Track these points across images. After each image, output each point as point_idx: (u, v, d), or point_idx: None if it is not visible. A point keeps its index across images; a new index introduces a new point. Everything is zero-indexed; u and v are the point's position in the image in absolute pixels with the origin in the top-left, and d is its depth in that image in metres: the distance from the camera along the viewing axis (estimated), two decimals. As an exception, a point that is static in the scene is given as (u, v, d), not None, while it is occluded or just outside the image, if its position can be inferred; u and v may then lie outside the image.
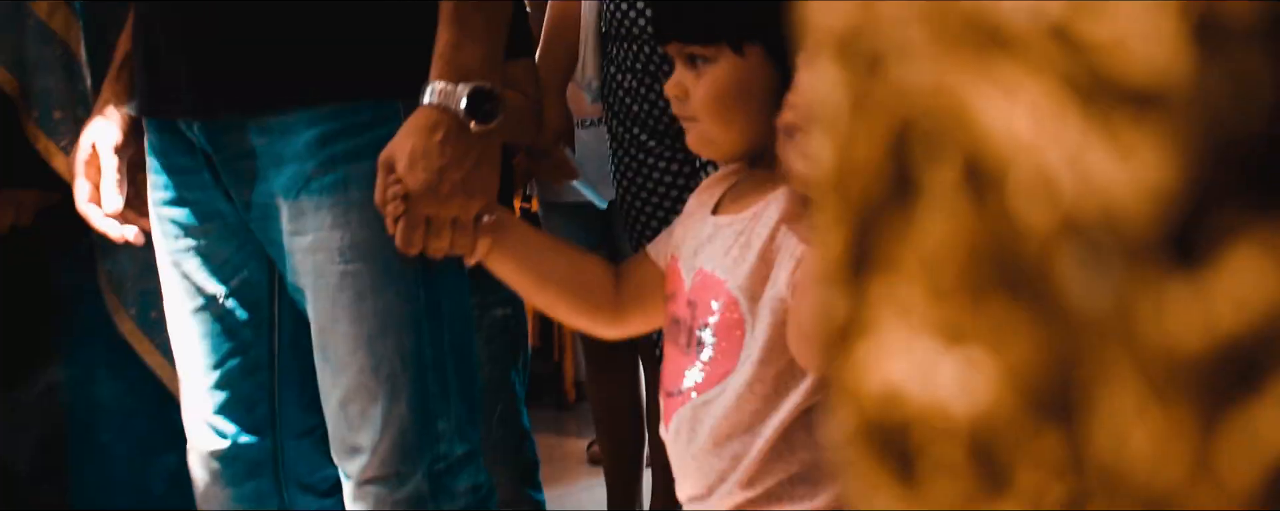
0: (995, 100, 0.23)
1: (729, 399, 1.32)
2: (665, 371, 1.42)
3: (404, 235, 1.43)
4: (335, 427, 1.59)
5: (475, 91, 1.43)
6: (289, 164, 1.52)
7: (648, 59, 2.15)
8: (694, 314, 1.37)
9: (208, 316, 1.67)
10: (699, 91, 1.35)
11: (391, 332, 1.54)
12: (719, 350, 1.34)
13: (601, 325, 1.55)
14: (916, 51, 0.25)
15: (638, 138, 2.24)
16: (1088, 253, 0.22)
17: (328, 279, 1.53)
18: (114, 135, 1.70)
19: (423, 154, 1.41)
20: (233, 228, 1.64)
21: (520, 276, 1.51)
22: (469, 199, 1.43)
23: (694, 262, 1.39)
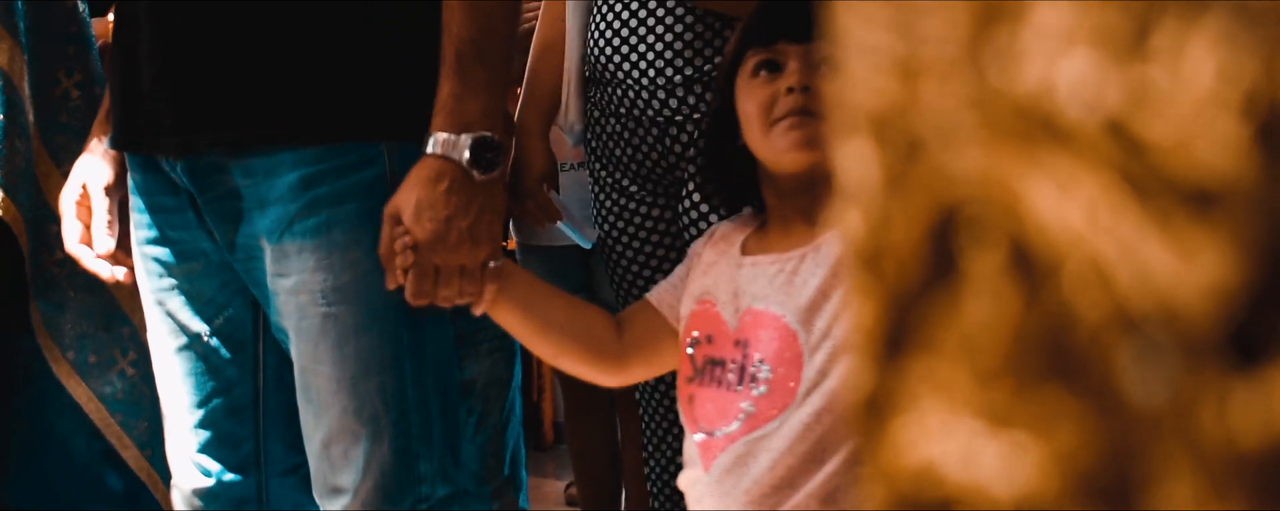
0: (1047, 190, 0.23)
1: (791, 430, 1.32)
2: (699, 414, 1.42)
3: (415, 285, 1.43)
4: (318, 468, 1.58)
5: (478, 141, 1.43)
6: (273, 206, 1.52)
7: (631, 103, 2.15)
8: (747, 352, 1.37)
9: (192, 355, 1.66)
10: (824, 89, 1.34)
11: (374, 374, 1.53)
12: (776, 383, 1.34)
13: (605, 373, 1.56)
14: (963, 137, 0.25)
15: (619, 182, 2.25)
16: (1145, 347, 0.22)
17: (310, 321, 1.52)
18: (105, 175, 1.70)
19: (429, 204, 1.42)
20: (216, 266, 1.63)
21: (525, 324, 1.52)
22: (475, 247, 1.44)
23: (738, 304, 1.40)
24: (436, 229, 1.42)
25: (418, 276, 1.43)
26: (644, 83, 2.12)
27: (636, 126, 2.17)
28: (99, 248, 1.70)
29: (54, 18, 2.06)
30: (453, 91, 1.45)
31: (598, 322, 1.54)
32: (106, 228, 1.70)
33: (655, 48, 2.11)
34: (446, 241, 1.43)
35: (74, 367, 2.07)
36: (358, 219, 1.50)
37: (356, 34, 1.51)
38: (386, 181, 1.52)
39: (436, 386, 1.58)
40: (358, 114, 1.51)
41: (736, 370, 1.38)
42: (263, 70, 1.50)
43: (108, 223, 1.70)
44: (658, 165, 2.18)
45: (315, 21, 1.50)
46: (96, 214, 1.69)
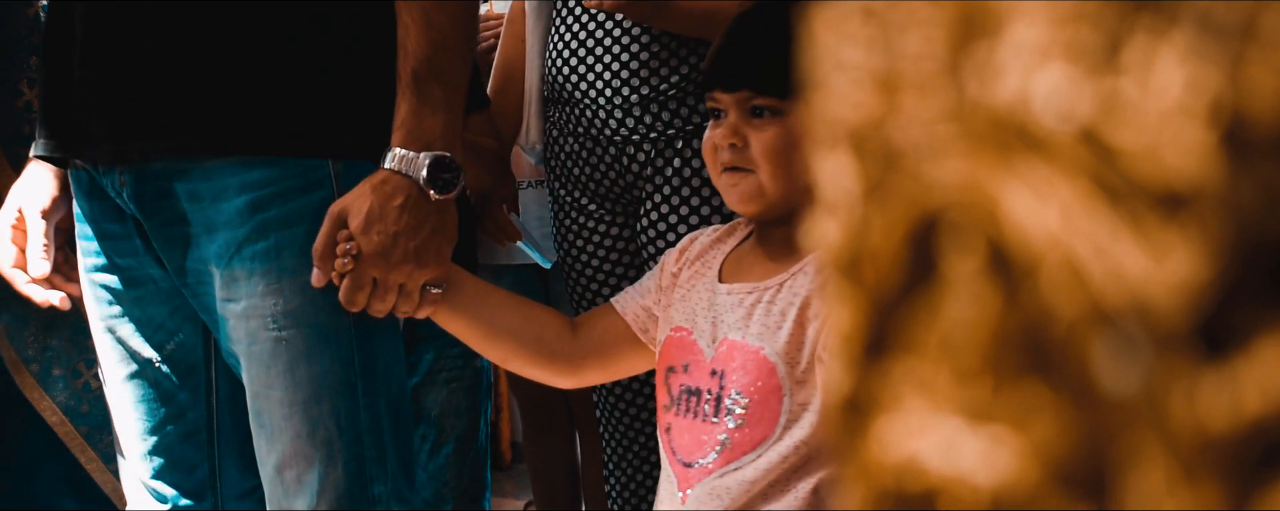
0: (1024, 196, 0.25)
1: (768, 462, 1.33)
2: (676, 444, 1.42)
3: (348, 293, 1.43)
4: (272, 493, 1.58)
5: (437, 160, 1.44)
6: (221, 231, 1.51)
7: (589, 122, 2.17)
8: (722, 382, 1.37)
9: (143, 381, 1.65)
10: (762, 142, 1.36)
11: (326, 397, 1.53)
12: (753, 417, 1.34)
13: (557, 375, 1.57)
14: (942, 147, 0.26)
15: (578, 201, 2.26)
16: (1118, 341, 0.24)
17: (261, 345, 1.52)
18: (43, 197, 1.68)
19: (379, 217, 1.42)
20: (166, 292, 1.62)
21: (471, 330, 1.52)
22: (419, 268, 1.44)
23: (716, 333, 1.40)
24: (382, 242, 1.42)
25: (352, 285, 1.43)
26: (601, 102, 2.14)
27: (594, 145, 2.19)
28: (34, 271, 1.68)
29: (15, 29, 2.05)
30: (411, 109, 1.45)
31: (549, 325, 1.54)
32: (42, 251, 1.68)
33: (612, 67, 2.13)
34: (390, 258, 1.43)
35: (38, 380, 2.06)
36: (307, 242, 1.50)
37: (301, 44, 1.50)
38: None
39: (389, 408, 1.58)
40: (302, 127, 1.50)
41: (712, 401, 1.38)
42: (201, 77, 1.48)
43: (43, 246, 1.68)
44: (615, 184, 2.20)
45: (258, 30, 1.49)
46: (32, 237, 1.68)
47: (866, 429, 0.29)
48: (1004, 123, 0.25)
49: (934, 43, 0.26)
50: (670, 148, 2.13)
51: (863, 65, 0.28)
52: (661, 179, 2.14)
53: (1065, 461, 0.25)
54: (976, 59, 0.25)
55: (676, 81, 2.10)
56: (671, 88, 2.11)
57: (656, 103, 2.12)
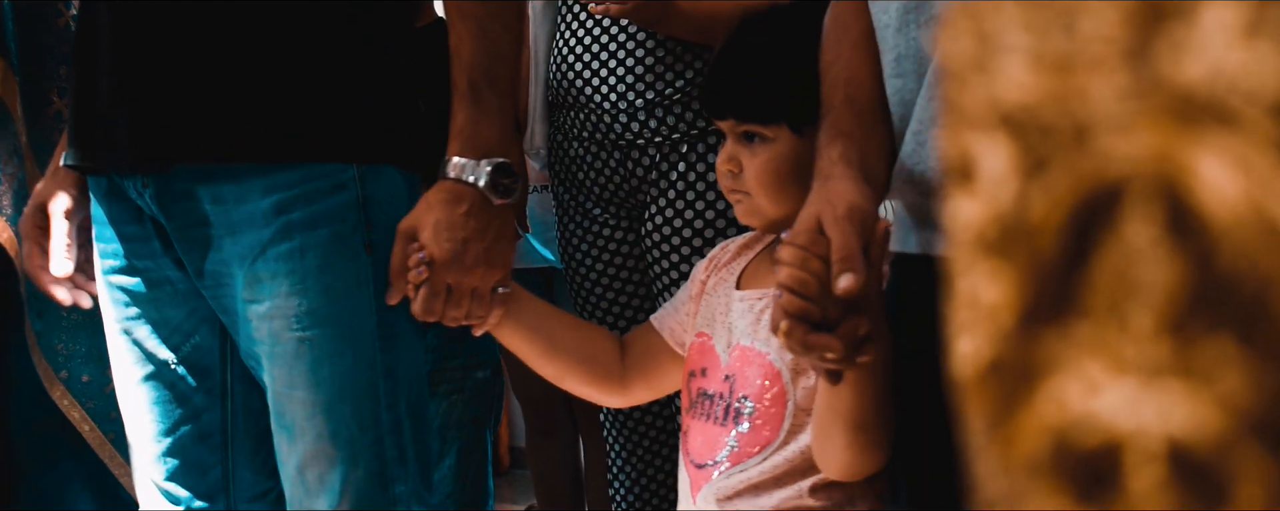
0: (1216, 166, 0.27)
1: (772, 465, 1.36)
2: (691, 445, 1.45)
3: (425, 303, 1.47)
4: (293, 493, 1.60)
5: (496, 167, 1.47)
6: (244, 232, 1.53)
7: (594, 127, 2.18)
8: (733, 387, 1.40)
9: (158, 383, 1.67)
10: (754, 168, 1.40)
11: (349, 398, 1.55)
12: (758, 421, 1.37)
13: (608, 394, 1.60)
14: (1124, 123, 0.28)
15: (583, 205, 2.27)
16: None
17: (285, 345, 1.54)
18: (65, 199, 1.71)
19: (448, 225, 1.46)
20: (183, 294, 1.64)
21: (530, 346, 1.55)
22: (489, 270, 1.48)
23: (730, 338, 1.43)
24: (454, 249, 1.45)
25: (429, 295, 1.47)
26: (606, 106, 2.15)
27: (599, 150, 2.20)
28: (56, 271, 1.71)
29: (45, 40, 2.08)
30: (468, 117, 1.49)
31: (602, 345, 1.57)
32: (65, 251, 1.70)
33: (617, 72, 2.14)
34: (463, 262, 1.46)
35: (67, 387, 2.08)
36: (331, 243, 1.52)
37: (326, 51, 1.53)
38: (359, 205, 1.54)
39: (410, 410, 1.60)
40: (327, 133, 1.53)
41: (723, 405, 1.41)
42: (227, 85, 1.51)
43: (66, 246, 1.70)
44: (620, 188, 2.21)
45: (283, 37, 1.51)
46: (55, 238, 1.70)
47: (1029, 392, 0.31)
48: (1193, 98, 0.27)
49: (1115, 25, 0.29)
50: (675, 152, 2.14)
51: (1029, 49, 0.30)
52: (666, 183, 2.15)
53: (1255, 412, 0.27)
54: (1169, 38, 0.28)
55: (682, 85, 2.12)
56: (677, 92, 2.12)
57: (662, 107, 2.13)
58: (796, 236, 1.13)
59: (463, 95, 1.49)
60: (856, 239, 1.12)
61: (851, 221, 1.12)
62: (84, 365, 2.10)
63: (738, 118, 1.41)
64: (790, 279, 1.12)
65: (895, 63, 1.21)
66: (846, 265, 1.10)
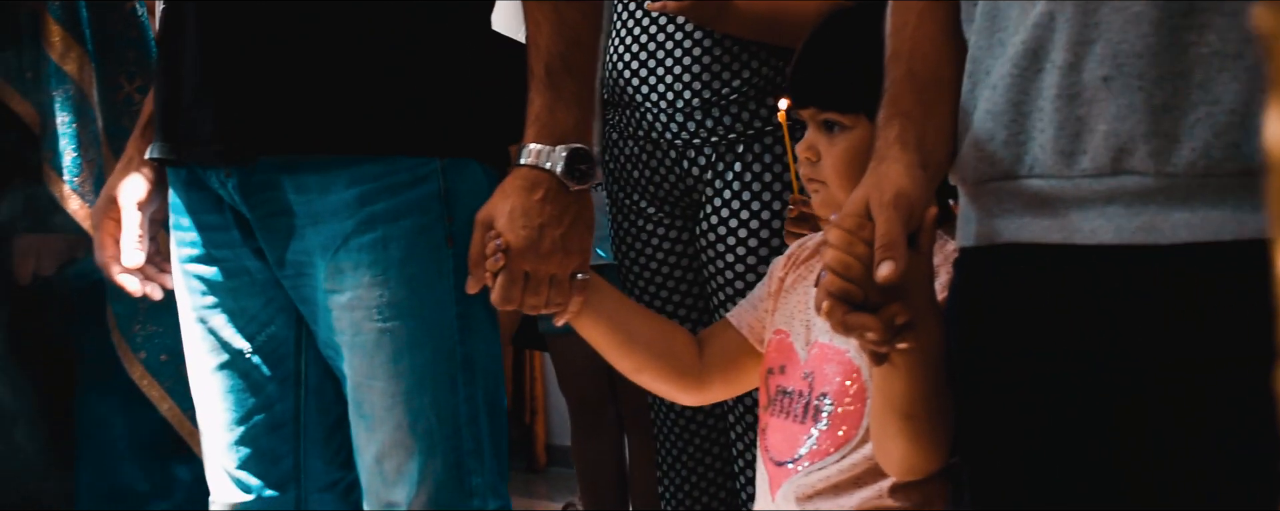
0: None
1: (851, 463, 1.38)
2: (770, 442, 1.47)
3: (503, 290, 1.47)
4: (370, 483, 1.61)
5: (573, 152, 1.49)
6: (327, 223, 1.55)
7: (650, 126, 2.20)
8: (812, 385, 1.43)
9: (233, 372, 1.69)
10: (831, 156, 1.42)
11: (428, 389, 1.57)
12: (837, 418, 1.39)
13: (685, 391, 1.61)
14: None
15: (637, 204, 2.29)
16: None
17: (365, 336, 1.56)
18: (138, 190, 1.73)
19: (524, 211, 1.47)
20: (261, 284, 1.66)
21: (609, 338, 1.56)
22: (567, 256, 1.49)
23: (809, 336, 1.45)
24: (530, 235, 1.47)
25: (507, 281, 1.48)
26: (662, 105, 2.16)
27: (655, 149, 2.22)
28: (127, 261, 1.73)
29: (116, 24, 2.11)
30: (545, 104, 1.50)
31: (680, 341, 1.59)
32: (136, 242, 1.72)
33: (674, 71, 2.15)
34: (539, 249, 1.47)
35: (146, 367, 2.12)
36: (414, 235, 1.54)
37: (411, 46, 1.55)
38: (442, 198, 1.56)
39: (487, 402, 1.62)
40: (412, 127, 1.55)
41: (802, 403, 1.43)
42: (313, 79, 1.53)
43: (138, 237, 1.72)
44: (675, 187, 2.23)
45: (368, 31, 1.54)
46: (127, 229, 1.72)
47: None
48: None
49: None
50: (731, 152, 2.16)
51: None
52: (722, 183, 2.17)
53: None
54: None
55: (738, 85, 2.13)
56: (733, 92, 2.13)
57: (718, 107, 2.14)
58: (844, 219, 1.16)
59: (539, 82, 1.51)
60: (900, 226, 1.14)
61: (897, 208, 1.14)
62: (161, 346, 2.13)
63: (818, 106, 1.44)
64: (834, 261, 1.14)
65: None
66: (887, 253, 1.12)
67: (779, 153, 2.14)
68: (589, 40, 1.55)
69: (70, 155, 2.10)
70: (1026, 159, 1.14)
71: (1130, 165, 1.09)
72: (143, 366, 2.13)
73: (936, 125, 1.22)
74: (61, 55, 2.09)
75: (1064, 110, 1.11)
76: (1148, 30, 1.08)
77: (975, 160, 1.19)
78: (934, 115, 1.22)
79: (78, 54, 2.11)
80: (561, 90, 1.51)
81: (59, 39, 2.07)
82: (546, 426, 3.93)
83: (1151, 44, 1.07)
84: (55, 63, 2.08)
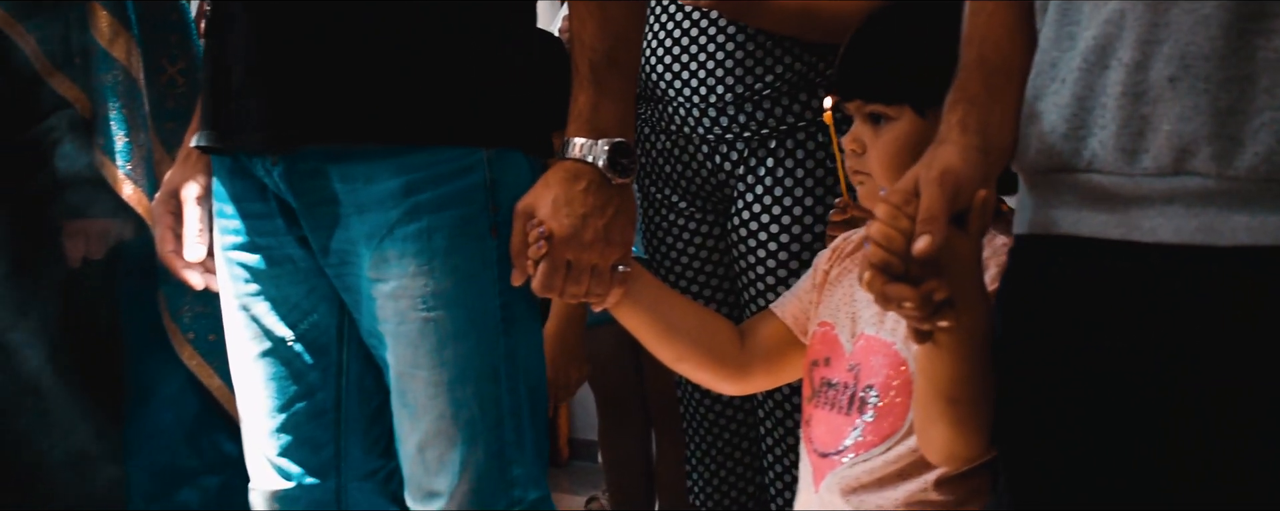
0: None
1: (896, 455, 1.40)
2: (814, 434, 1.49)
3: (545, 278, 1.50)
4: (412, 472, 1.63)
5: (615, 147, 1.51)
6: (372, 211, 1.57)
7: (682, 121, 2.21)
8: (858, 377, 1.44)
9: (275, 359, 1.71)
10: (877, 148, 1.45)
11: (471, 379, 1.59)
12: (883, 410, 1.41)
13: (726, 380, 1.62)
14: None
15: (669, 198, 2.30)
16: None
17: (409, 326, 1.58)
18: (198, 184, 1.75)
19: (566, 201, 1.50)
20: (304, 272, 1.68)
21: (649, 327, 1.58)
22: (608, 247, 1.52)
23: (854, 328, 1.47)
24: (573, 224, 1.49)
25: (549, 270, 1.50)
26: (695, 100, 2.17)
27: (687, 143, 2.22)
28: (190, 256, 1.75)
29: (159, 7, 2.14)
30: (589, 99, 1.53)
31: (722, 330, 1.61)
32: (197, 236, 1.74)
33: (707, 65, 2.16)
34: (581, 238, 1.50)
35: (195, 348, 2.16)
36: (458, 225, 1.56)
37: (458, 36, 1.57)
38: (487, 188, 1.58)
39: (529, 393, 1.64)
40: (458, 118, 1.57)
41: (848, 394, 1.45)
42: (362, 68, 1.55)
43: (199, 231, 1.74)
44: (707, 182, 2.23)
45: (416, 21, 1.55)
46: (188, 222, 1.75)
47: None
48: None
49: None
50: (763, 147, 2.16)
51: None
52: (754, 178, 2.17)
53: None
54: None
55: (771, 80, 2.14)
56: (766, 87, 2.14)
57: (751, 102, 2.15)
58: (891, 194, 1.18)
59: (583, 78, 1.53)
60: (942, 202, 1.15)
61: (941, 185, 1.16)
62: (210, 326, 2.17)
63: (864, 98, 1.47)
64: (877, 233, 1.16)
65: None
66: (926, 227, 1.14)
67: (812, 148, 2.15)
68: (633, 36, 1.57)
69: (122, 140, 2.13)
70: (1086, 154, 1.16)
71: (1192, 166, 1.10)
72: (191, 346, 2.18)
73: (1001, 112, 1.23)
74: (109, 41, 2.11)
75: (1128, 108, 1.13)
76: (1216, 33, 1.09)
77: (1036, 151, 1.21)
78: (1000, 102, 1.24)
79: (125, 39, 2.13)
80: (605, 86, 1.53)
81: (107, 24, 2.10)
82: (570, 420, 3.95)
83: (1219, 46, 1.09)
84: (104, 48, 2.11)
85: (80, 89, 2.12)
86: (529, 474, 1.64)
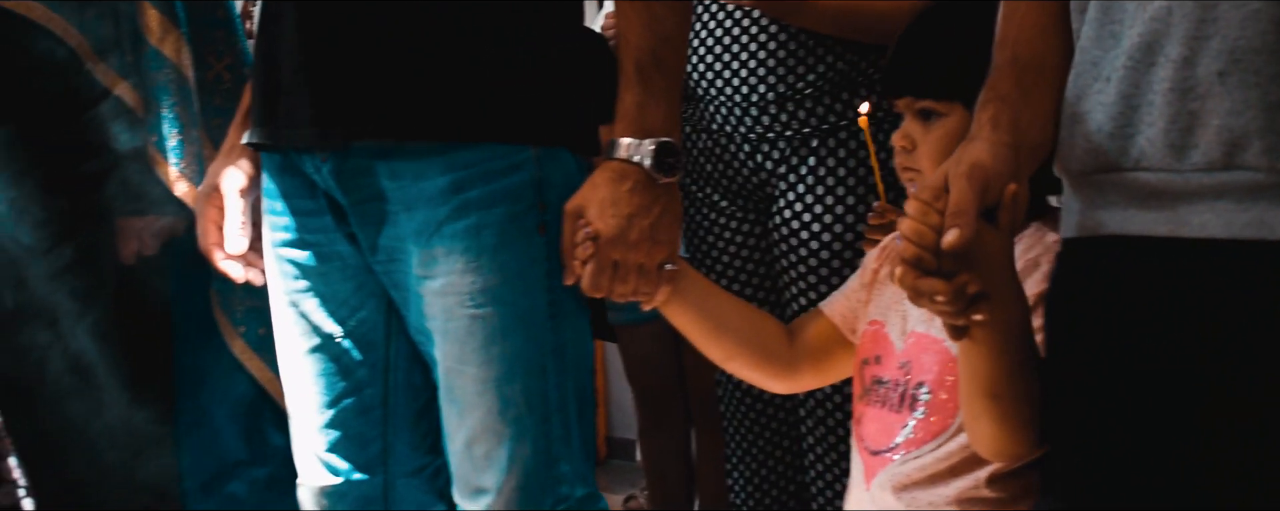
0: None
1: (947, 452, 1.40)
2: (865, 432, 1.50)
3: (593, 278, 1.52)
4: (460, 468, 1.65)
5: (661, 146, 1.53)
6: (420, 209, 1.59)
7: (724, 120, 2.21)
8: (909, 374, 1.45)
9: (324, 356, 1.72)
10: (927, 144, 1.46)
11: (519, 376, 1.60)
12: (934, 407, 1.42)
13: (775, 379, 1.63)
14: None
15: (710, 197, 2.30)
16: None
17: (458, 322, 1.59)
18: (239, 178, 1.76)
19: (613, 201, 1.52)
20: (352, 269, 1.69)
21: (698, 325, 1.59)
22: (655, 246, 1.53)
23: (905, 326, 1.48)
24: (619, 224, 1.51)
25: (597, 270, 1.52)
26: (737, 99, 2.17)
27: (728, 143, 2.23)
28: (231, 248, 1.76)
29: (205, 4, 2.16)
30: (635, 99, 1.54)
31: (770, 329, 1.61)
32: (239, 229, 1.75)
33: (748, 64, 2.16)
34: (627, 238, 1.52)
35: (247, 342, 2.17)
36: (507, 222, 1.58)
37: (507, 35, 1.58)
38: (535, 186, 1.59)
39: (576, 390, 1.65)
40: (507, 116, 1.58)
41: (899, 392, 1.46)
42: (412, 65, 1.56)
43: (241, 225, 1.75)
44: (748, 182, 2.24)
45: (466, 20, 1.56)
46: (229, 216, 1.76)
47: None
48: None
49: None
50: (805, 146, 2.17)
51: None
52: (795, 177, 2.18)
53: None
54: None
55: (813, 79, 2.14)
56: (808, 86, 2.14)
57: (792, 101, 2.15)
58: (921, 191, 1.19)
59: (629, 77, 1.55)
60: (970, 196, 1.16)
61: (970, 179, 1.17)
62: (262, 321, 2.19)
63: (914, 94, 1.47)
64: (908, 229, 1.17)
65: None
66: (954, 221, 1.15)
67: (853, 147, 2.16)
68: (678, 36, 1.59)
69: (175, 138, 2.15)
70: (1133, 152, 1.16)
71: (1243, 161, 1.10)
72: (243, 340, 2.20)
73: (1033, 109, 1.24)
74: (159, 39, 2.14)
75: (1177, 104, 1.13)
76: (1266, 26, 1.09)
77: (1082, 151, 1.21)
78: (1032, 100, 1.24)
79: (175, 37, 2.16)
80: (651, 86, 1.55)
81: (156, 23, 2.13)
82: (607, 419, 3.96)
83: (1270, 40, 1.09)
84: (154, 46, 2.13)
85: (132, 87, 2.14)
86: (576, 470, 1.65)
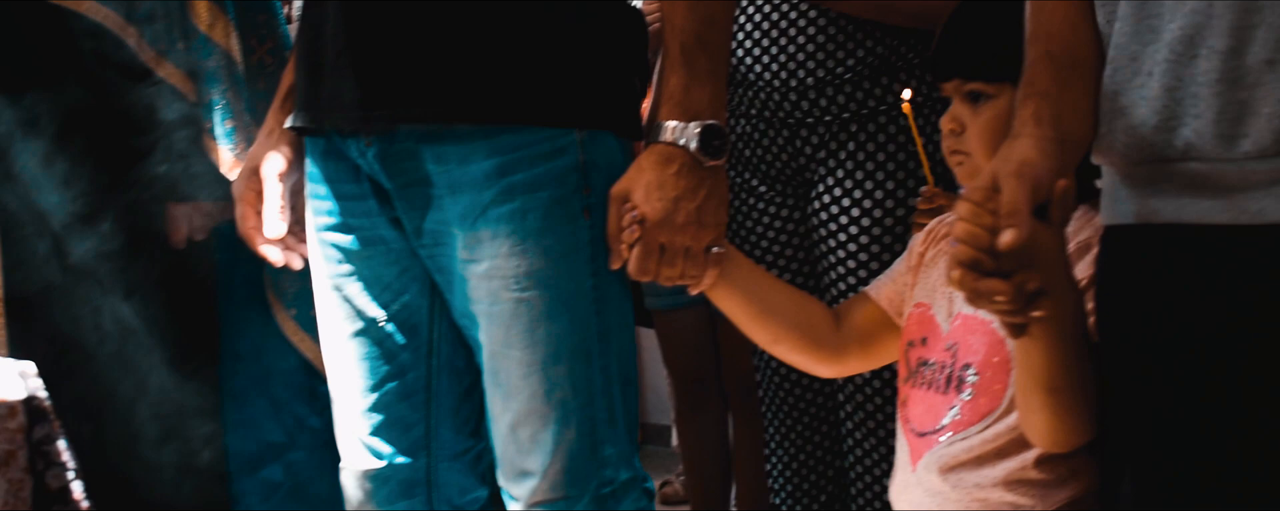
0: None
1: (995, 433, 1.41)
2: (911, 414, 1.50)
3: (640, 262, 1.52)
4: (504, 451, 1.65)
5: (707, 129, 1.53)
6: (465, 192, 1.59)
7: (763, 105, 2.21)
8: (955, 356, 1.45)
9: (368, 339, 1.73)
10: (976, 126, 1.46)
11: (563, 359, 1.60)
12: (981, 388, 1.42)
13: (821, 363, 1.64)
14: None
15: (749, 182, 2.31)
16: None
17: (502, 306, 1.60)
18: (278, 161, 1.77)
19: (659, 185, 1.52)
20: (396, 253, 1.69)
21: (745, 308, 1.59)
22: (701, 229, 1.53)
23: (951, 308, 1.48)
24: (665, 207, 1.51)
25: (643, 253, 1.52)
26: (776, 84, 2.18)
27: (768, 127, 2.23)
28: (269, 232, 1.77)
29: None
30: (680, 82, 1.54)
31: (817, 313, 1.62)
32: (278, 213, 1.76)
33: (788, 49, 2.16)
34: (674, 221, 1.52)
35: (297, 323, 2.19)
36: (552, 206, 1.58)
37: (553, 19, 1.58)
38: (580, 170, 1.60)
39: (620, 373, 1.65)
40: (552, 99, 1.58)
41: (945, 374, 1.46)
42: (456, 48, 1.56)
43: (279, 208, 1.76)
44: (788, 166, 2.24)
45: (507, 5, 1.56)
46: (268, 199, 1.76)
47: None
48: None
49: None
50: (845, 131, 2.17)
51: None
52: (835, 162, 2.18)
53: None
54: None
55: (853, 64, 2.14)
56: (847, 70, 2.14)
57: (832, 86, 2.15)
58: (972, 192, 1.20)
59: (674, 60, 1.54)
60: (1023, 195, 1.16)
61: (1021, 178, 1.17)
62: (310, 301, 2.23)
63: (963, 77, 1.48)
64: (962, 232, 1.18)
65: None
66: (1009, 221, 1.15)
67: (893, 132, 2.16)
68: (723, 19, 1.59)
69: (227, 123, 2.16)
70: (1180, 143, 1.16)
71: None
72: (294, 322, 2.22)
73: (1073, 103, 1.25)
74: (209, 25, 2.15)
75: (1225, 94, 1.13)
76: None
77: (1124, 144, 1.22)
78: (1071, 94, 1.25)
79: (223, 23, 2.17)
80: (696, 68, 1.55)
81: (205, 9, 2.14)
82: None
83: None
84: (204, 33, 2.15)
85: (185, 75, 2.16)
86: (620, 453, 1.66)
